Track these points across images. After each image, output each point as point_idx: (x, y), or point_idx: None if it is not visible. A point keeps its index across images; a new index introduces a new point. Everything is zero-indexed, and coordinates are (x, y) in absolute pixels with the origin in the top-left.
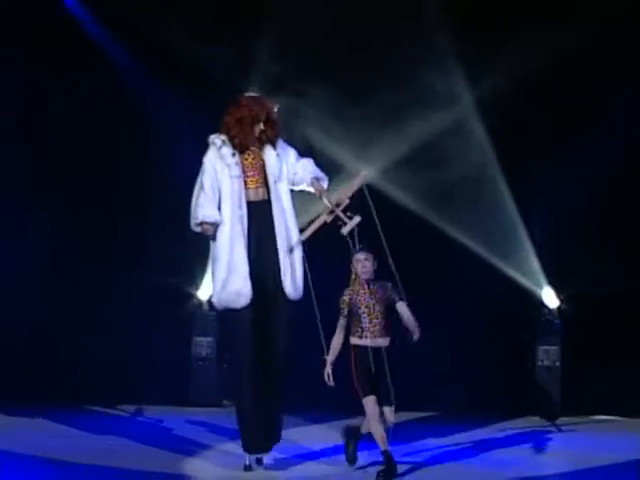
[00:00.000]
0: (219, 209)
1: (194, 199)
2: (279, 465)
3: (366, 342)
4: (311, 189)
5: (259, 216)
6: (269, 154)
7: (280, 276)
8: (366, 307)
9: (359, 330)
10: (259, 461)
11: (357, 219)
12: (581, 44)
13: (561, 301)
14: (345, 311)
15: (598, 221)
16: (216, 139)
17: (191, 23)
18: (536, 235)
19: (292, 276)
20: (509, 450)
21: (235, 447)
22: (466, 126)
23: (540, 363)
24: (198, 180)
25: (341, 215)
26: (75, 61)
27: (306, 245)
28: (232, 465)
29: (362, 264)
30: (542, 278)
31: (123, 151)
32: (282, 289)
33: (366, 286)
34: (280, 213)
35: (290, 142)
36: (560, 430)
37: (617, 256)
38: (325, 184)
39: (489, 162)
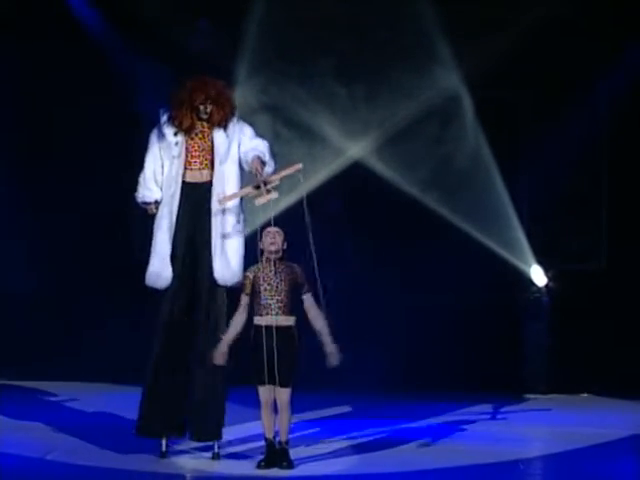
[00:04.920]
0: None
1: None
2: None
3: (261, 321)
4: (252, 169)
5: (196, 198)
6: (218, 135)
7: (211, 261)
8: (268, 284)
9: (259, 308)
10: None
11: (275, 195)
12: (566, 15)
13: (549, 279)
14: (247, 289)
15: (585, 200)
16: (162, 116)
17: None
18: (524, 214)
19: (224, 261)
20: (496, 426)
21: None
22: (453, 104)
23: (528, 340)
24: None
25: (262, 187)
26: (59, 37)
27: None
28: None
29: (271, 238)
30: (530, 257)
31: (107, 131)
32: (212, 274)
33: (272, 263)
34: (219, 196)
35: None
36: (547, 407)
37: (603, 234)
38: (268, 169)
39: (477, 141)
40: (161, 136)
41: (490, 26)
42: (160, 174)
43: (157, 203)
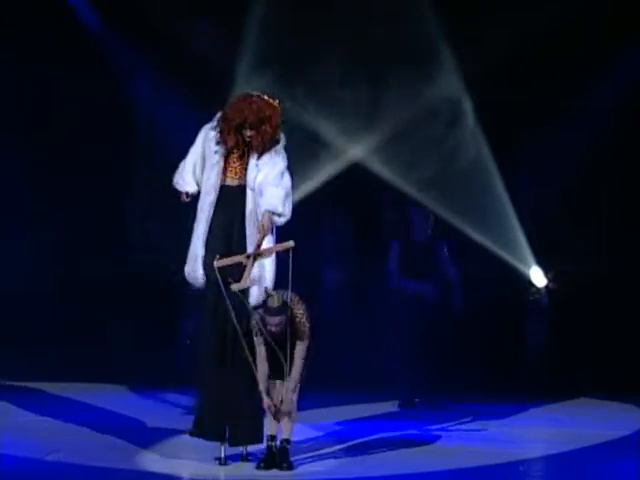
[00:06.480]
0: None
1: None
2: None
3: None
4: (259, 226)
5: (231, 202)
6: (251, 161)
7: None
8: (275, 342)
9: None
10: (244, 457)
11: (253, 283)
12: (566, 17)
13: (549, 280)
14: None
15: (585, 200)
16: (216, 119)
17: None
18: (524, 215)
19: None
20: (495, 427)
21: None
22: (454, 106)
23: (528, 340)
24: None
25: (249, 266)
26: (60, 38)
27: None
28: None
29: (275, 327)
30: (530, 257)
31: (109, 131)
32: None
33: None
34: (252, 209)
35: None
36: (547, 407)
37: (604, 234)
38: (280, 220)
39: (477, 143)
40: (208, 139)
41: (490, 27)
42: (200, 169)
43: (187, 195)
